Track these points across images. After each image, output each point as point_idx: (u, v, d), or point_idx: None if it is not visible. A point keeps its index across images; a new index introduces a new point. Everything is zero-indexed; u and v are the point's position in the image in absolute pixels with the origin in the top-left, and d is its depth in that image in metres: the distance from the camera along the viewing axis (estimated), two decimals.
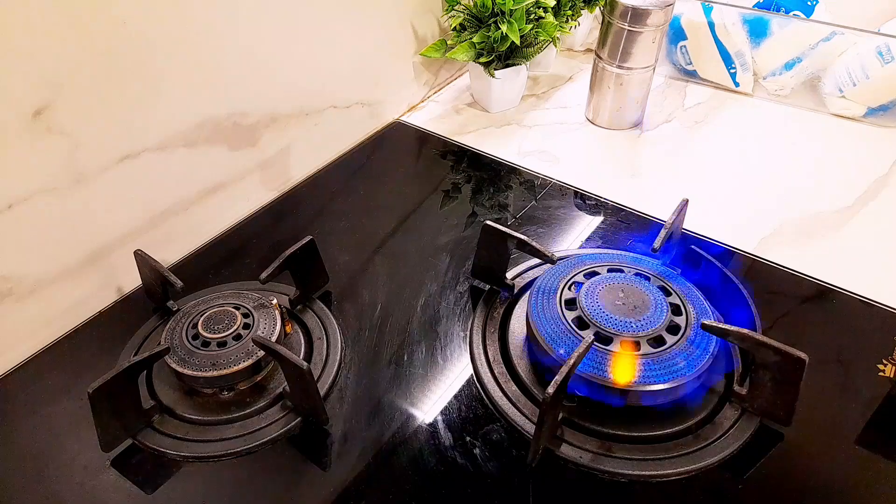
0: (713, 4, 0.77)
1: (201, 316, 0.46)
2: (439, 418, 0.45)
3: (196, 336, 0.45)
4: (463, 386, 0.47)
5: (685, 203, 0.53)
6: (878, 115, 0.74)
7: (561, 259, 0.50)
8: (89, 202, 0.50)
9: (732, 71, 0.79)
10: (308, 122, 0.66)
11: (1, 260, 0.46)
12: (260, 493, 0.41)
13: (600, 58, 0.73)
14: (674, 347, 0.43)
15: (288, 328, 0.49)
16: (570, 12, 0.77)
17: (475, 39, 0.70)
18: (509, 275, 0.54)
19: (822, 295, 0.54)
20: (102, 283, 0.53)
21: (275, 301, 0.48)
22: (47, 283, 0.49)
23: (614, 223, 0.62)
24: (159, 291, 0.51)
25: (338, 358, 0.48)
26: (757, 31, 0.77)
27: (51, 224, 0.48)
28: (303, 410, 0.44)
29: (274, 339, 0.45)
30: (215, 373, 0.44)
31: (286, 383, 0.45)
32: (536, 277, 0.50)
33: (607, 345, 0.43)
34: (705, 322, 0.43)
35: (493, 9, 0.70)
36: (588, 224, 0.61)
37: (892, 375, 0.47)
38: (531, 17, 0.71)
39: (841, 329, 0.50)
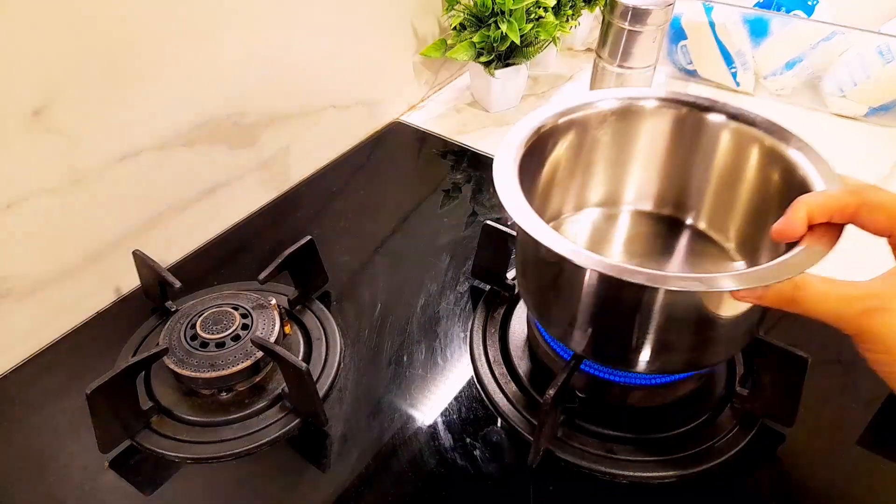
0: (713, 4, 0.77)
1: (200, 316, 0.46)
2: (439, 419, 0.44)
3: (194, 337, 0.45)
4: (463, 387, 0.47)
5: None
6: (880, 114, 0.74)
7: None
8: (88, 202, 0.49)
9: (733, 70, 0.79)
10: (307, 121, 0.66)
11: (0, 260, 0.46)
12: (259, 494, 0.41)
13: (601, 57, 0.72)
14: None
15: (287, 329, 0.49)
16: (570, 12, 0.76)
17: (475, 39, 0.70)
18: (510, 275, 0.53)
19: None
20: (101, 283, 0.53)
21: (274, 301, 0.48)
22: (46, 283, 0.49)
23: None
24: (158, 292, 0.50)
25: (337, 359, 0.48)
26: (757, 30, 0.76)
27: (49, 224, 0.48)
28: (302, 411, 0.44)
29: (273, 339, 0.45)
30: (214, 374, 0.43)
31: (285, 384, 0.45)
32: None
33: None
34: None
35: (493, 8, 0.69)
36: None
37: None
38: (531, 16, 0.71)
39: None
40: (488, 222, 0.50)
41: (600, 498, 0.40)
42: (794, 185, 0.39)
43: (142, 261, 0.50)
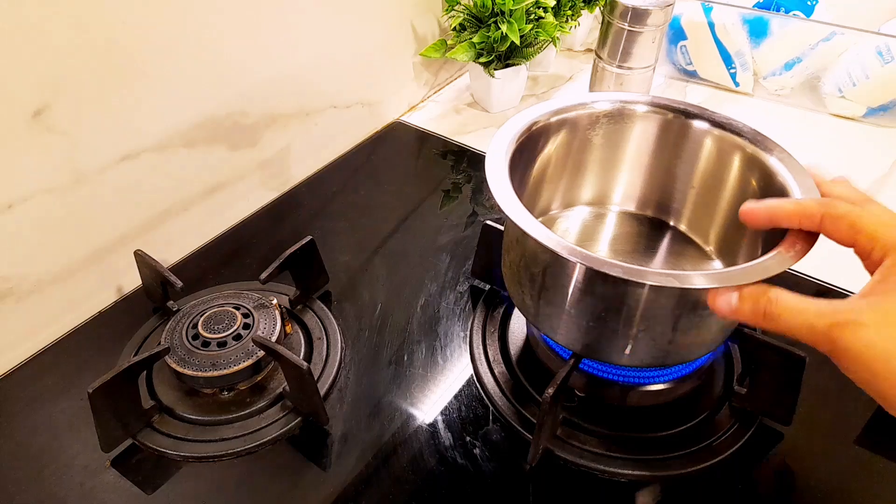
0: (713, 4, 0.77)
1: (201, 316, 0.46)
2: (439, 418, 0.45)
3: (196, 336, 0.45)
4: (463, 386, 0.47)
5: None
6: (878, 115, 0.74)
7: None
8: (89, 202, 0.50)
9: (732, 71, 0.79)
10: (308, 121, 0.66)
11: (1, 260, 0.46)
12: (260, 493, 0.41)
13: (600, 58, 0.72)
14: None
15: (288, 328, 0.49)
16: (569, 12, 0.76)
17: (475, 39, 0.70)
18: None
19: (822, 295, 0.53)
20: (102, 283, 0.53)
21: (275, 301, 0.48)
22: (47, 283, 0.49)
23: None
24: (159, 291, 0.51)
25: (338, 358, 0.48)
26: (757, 30, 0.77)
27: (51, 224, 0.48)
28: (303, 410, 0.44)
29: (274, 339, 0.45)
30: (215, 373, 0.44)
31: (286, 383, 0.45)
32: None
33: None
34: None
35: (492, 9, 0.70)
36: None
37: None
38: (531, 17, 0.71)
39: None
40: (488, 222, 0.51)
41: (599, 496, 0.40)
42: (772, 193, 0.40)
43: (143, 260, 0.51)
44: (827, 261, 0.56)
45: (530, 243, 0.39)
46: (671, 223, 0.50)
